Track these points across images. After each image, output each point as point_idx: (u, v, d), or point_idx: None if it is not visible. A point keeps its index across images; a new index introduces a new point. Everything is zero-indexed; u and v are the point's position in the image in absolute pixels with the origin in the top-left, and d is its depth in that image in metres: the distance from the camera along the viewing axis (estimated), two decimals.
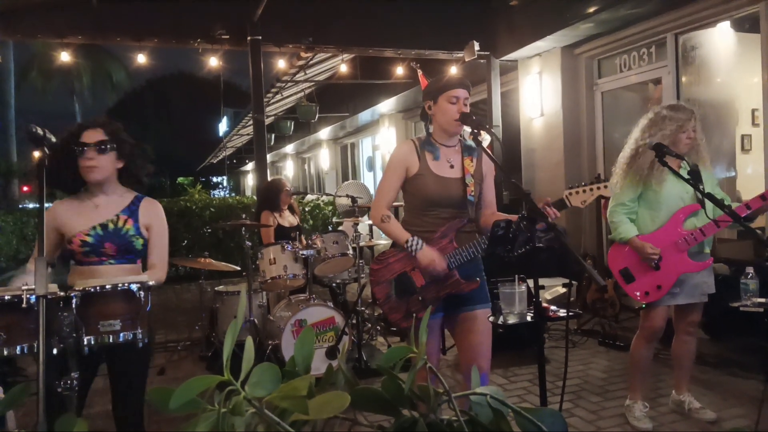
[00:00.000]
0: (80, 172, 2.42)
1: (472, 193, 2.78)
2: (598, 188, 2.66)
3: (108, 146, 2.45)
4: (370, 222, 7.10)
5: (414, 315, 2.69)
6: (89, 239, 2.42)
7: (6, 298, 1.68)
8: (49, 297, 1.61)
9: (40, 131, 1.84)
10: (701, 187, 2.94)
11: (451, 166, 2.80)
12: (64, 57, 6.82)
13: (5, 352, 1.69)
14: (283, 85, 10.15)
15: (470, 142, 2.84)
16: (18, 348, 1.70)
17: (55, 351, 1.72)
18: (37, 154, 2.28)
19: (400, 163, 2.82)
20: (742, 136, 6.30)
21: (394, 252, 2.80)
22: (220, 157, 25.60)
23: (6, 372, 4.30)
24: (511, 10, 7.07)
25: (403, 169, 2.81)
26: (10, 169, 14.31)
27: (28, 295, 1.66)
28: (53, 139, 1.93)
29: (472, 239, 2.72)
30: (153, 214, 2.63)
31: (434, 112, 2.81)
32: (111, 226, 2.47)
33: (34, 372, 1.77)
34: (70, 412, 1.74)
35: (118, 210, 2.52)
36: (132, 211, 2.55)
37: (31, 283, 1.66)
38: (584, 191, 2.66)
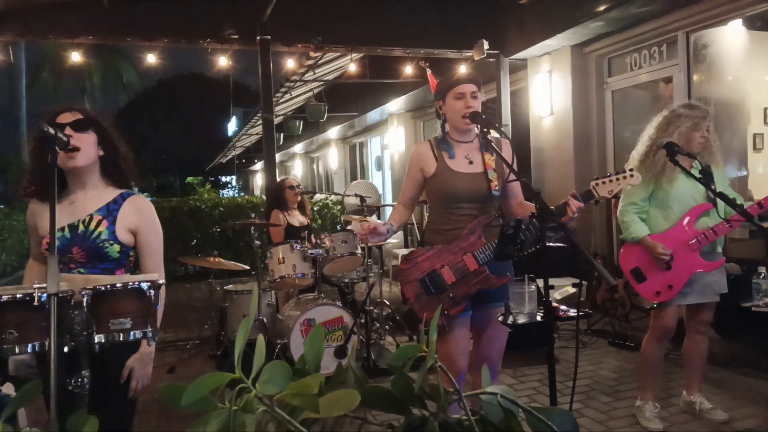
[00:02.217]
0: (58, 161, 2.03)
1: (496, 188, 2.79)
2: (624, 177, 2.60)
3: (87, 126, 2.14)
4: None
5: (446, 312, 2.70)
6: (56, 242, 2.10)
7: (18, 296, 1.68)
8: (60, 295, 1.62)
9: (51, 131, 1.84)
10: (713, 186, 2.92)
11: (470, 162, 2.81)
12: (75, 57, 6.86)
13: (17, 350, 1.69)
14: (292, 84, 10.17)
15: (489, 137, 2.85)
16: (29, 346, 1.70)
17: (66, 349, 1.73)
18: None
19: (415, 167, 2.88)
20: (754, 135, 6.25)
21: (422, 251, 2.81)
22: (229, 157, 25.73)
23: None
24: (521, 8, 7.05)
25: (418, 170, 2.85)
26: (22, 168, 14.45)
27: (39, 293, 1.66)
28: (65, 139, 1.93)
29: None
30: (140, 215, 2.23)
31: (445, 111, 2.86)
32: (81, 227, 2.12)
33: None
34: (82, 410, 1.75)
35: (93, 209, 2.17)
36: (111, 210, 2.19)
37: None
38: (611, 181, 2.61)
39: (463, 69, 7.49)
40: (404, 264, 2.84)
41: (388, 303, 5.86)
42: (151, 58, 7.00)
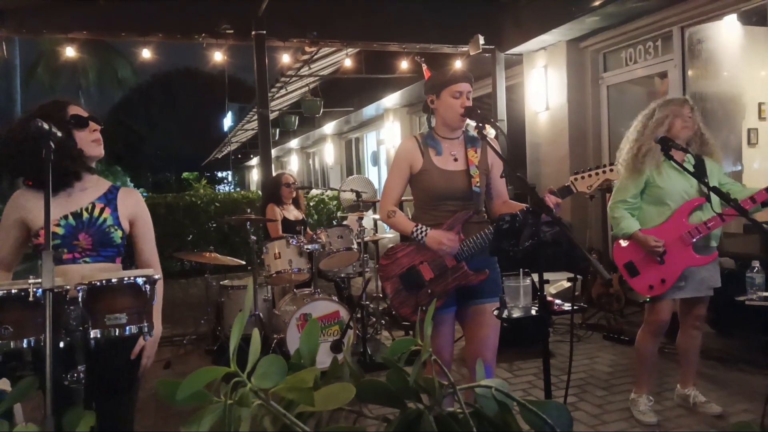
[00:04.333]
0: (82, 148, 2.13)
1: (478, 184, 2.78)
2: (604, 171, 2.59)
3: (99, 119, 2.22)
4: (375, 216, 7.10)
5: (423, 308, 2.70)
6: (60, 230, 2.09)
7: (13, 291, 1.68)
8: (55, 290, 1.62)
9: (45, 126, 1.83)
10: (706, 180, 2.92)
11: (455, 159, 2.80)
12: (70, 53, 6.83)
13: (12, 346, 1.69)
14: (288, 79, 10.14)
15: (473, 133, 2.84)
16: (25, 341, 1.71)
17: (62, 344, 1.73)
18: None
19: (404, 160, 2.83)
20: (749, 130, 6.26)
21: (402, 246, 2.81)
22: (225, 152, 25.67)
23: (14, 366, 4.32)
24: (517, 3, 7.05)
25: (407, 165, 2.82)
26: None
27: (34, 289, 1.66)
28: (59, 134, 1.92)
29: (481, 230, 2.71)
30: (136, 205, 2.32)
31: (437, 107, 2.82)
32: (85, 215, 2.16)
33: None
34: (78, 406, 1.75)
35: (93, 198, 2.21)
36: (109, 200, 2.24)
37: None
38: (590, 176, 2.60)
39: (458, 64, 7.49)
40: (384, 260, 2.84)
41: (383, 298, 5.87)
42: (146, 54, 6.98)
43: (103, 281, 1.80)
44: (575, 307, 5.34)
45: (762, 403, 3.09)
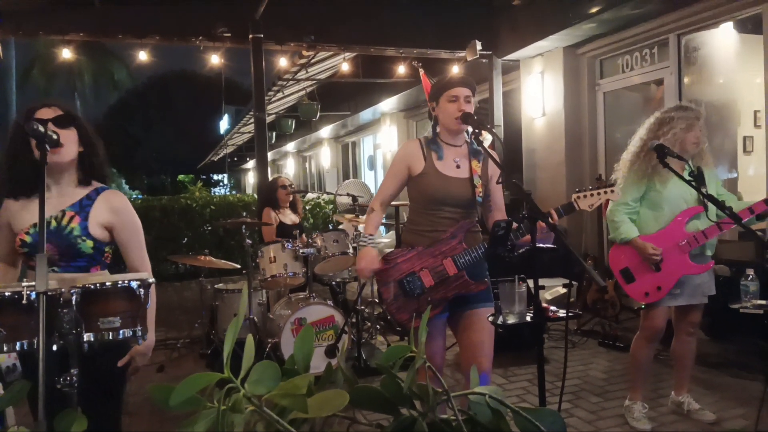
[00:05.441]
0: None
1: (480, 194, 2.79)
2: (606, 192, 2.66)
3: (70, 122, 2.11)
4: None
5: (416, 315, 2.70)
6: (27, 239, 2.08)
7: (6, 294, 1.67)
8: (49, 294, 1.61)
9: (41, 129, 1.82)
10: (704, 189, 2.93)
11: (458, 167, 2.81)
12: (66, 55, 6.83)
13: (5, 349, 1.68)
14: (285, 83, 10.15)
15: (477, 146, 2.85)
16: (18, 344, 1.69)
17: (55, 348, 1.72)
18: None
19: (402, 162, 2.85)
20: (744, 138, 6.29)
21: (402, 252, 2.80)
22: (221, 155, 25.66)
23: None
24: (514, 9, 7.07)
25: (405, 168, 2.83)
26: None
27: (28, 292, 1.65)
28: (55, 137, 1.92)
29: (480, 240, 2.73)
30: (115, 209, 2.21)
31: (438, 113, 2.85)
32: (53, 223, 2.09)
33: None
34: (70, 408, 1.74)
35: (65, 205, 2.14)
36: (83, 206, 2.16)
37: None
38: (592, 195, 2.66)
39: (455, 69, 7.51)
40: (383, 264, 2.82)
41: (379, 302, 5.86)
42: (143, 56, 6.97)
43: (97, 284, 1.79)
44: (570, 313, 5.36)
45: (756, 409, 3.10)
